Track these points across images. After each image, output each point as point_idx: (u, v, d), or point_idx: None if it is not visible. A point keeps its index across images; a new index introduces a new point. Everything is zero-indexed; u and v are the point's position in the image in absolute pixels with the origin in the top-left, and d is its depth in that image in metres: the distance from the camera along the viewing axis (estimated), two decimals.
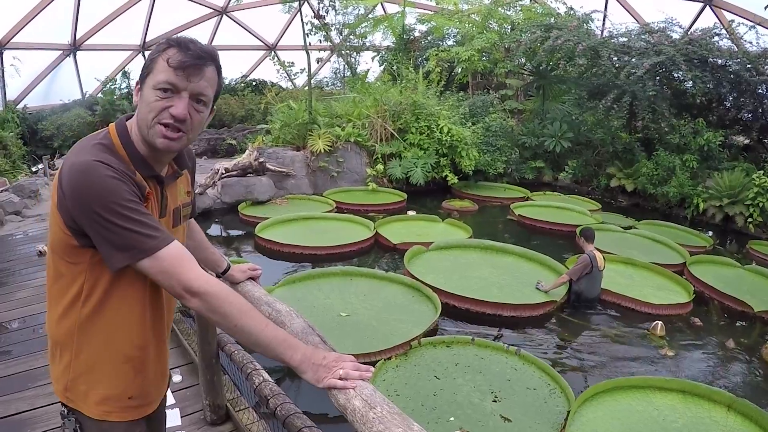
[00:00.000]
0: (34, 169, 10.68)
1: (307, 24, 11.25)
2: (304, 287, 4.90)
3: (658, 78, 9.84)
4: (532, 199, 9.41)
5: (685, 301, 5.04)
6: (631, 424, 3.14)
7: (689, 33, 10.08)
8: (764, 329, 4.79)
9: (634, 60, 9.26)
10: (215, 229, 7.56)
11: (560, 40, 9.68)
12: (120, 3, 13.26)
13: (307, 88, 10.24)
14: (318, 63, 17.09)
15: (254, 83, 17.01)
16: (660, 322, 4.52)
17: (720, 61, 9.35)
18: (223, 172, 8.16)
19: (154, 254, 1.06)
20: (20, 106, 12.55)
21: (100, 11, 13.23)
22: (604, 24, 12.48)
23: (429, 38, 13.81)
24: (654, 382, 3.50)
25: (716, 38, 9.55)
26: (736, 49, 9.61)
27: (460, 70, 13.31)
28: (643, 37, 9.90)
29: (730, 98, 10.04)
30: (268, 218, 7.12)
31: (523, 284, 5.22)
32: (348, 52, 15.36)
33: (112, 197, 1.02)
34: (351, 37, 14.87)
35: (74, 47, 13.51)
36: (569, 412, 3.12)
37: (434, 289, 4.74)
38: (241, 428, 2.37)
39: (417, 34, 14.50)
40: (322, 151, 8.90)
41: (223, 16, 15.69)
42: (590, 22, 11.04)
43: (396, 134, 9.56)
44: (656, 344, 4.35)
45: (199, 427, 2.45)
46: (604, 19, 12.43)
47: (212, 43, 14.46)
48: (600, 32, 11.97)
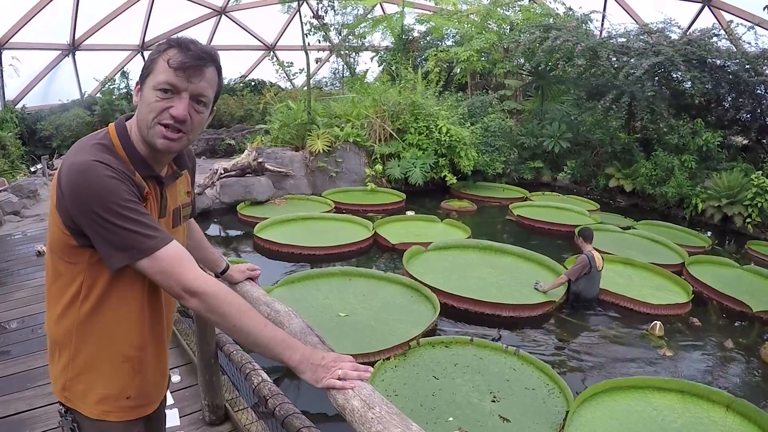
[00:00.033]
0: (32, 169, 10.64)
1: (306, 24, 11.21)
2: (303, 287, 4.90)
3: (656, 78, 9.85)
4: (530, 200, 9.42)
5: (683, 301, 5.04)
6: (630, 424, 3.15)
7: (688, 33, 10.10)
8: (763, 329, 4.80)
9: (632, 60, 9.27)
10: (214, 229, 7.55)
11: (559, 41, 9.69)
12: (119, 3, 13.25)
13: (306, 88, 10.22)
14: (317, 63, 17.10)
15: (253, 83, 16.97)
16: (659, 323, 4.52)
17: (719, 62, 9.36)
18: (222, 172, 8.16)
19: (152, 254, 1.06)
20: (19, 106, 12.51)
21: (99, 11, 13.24)
22: (602, 24, 12.51)
23: (428, 38, 13.79)
24: (653, 382, 3.50)
25: (715, 39, 9.56)
26: (735, 50, 9.63)
27: (458, 71, 13.29)
28: (641, 37, 9.91)
29: (729, 99, 10.04)
30: (266, 218, 7.11)
31: (522, 284, 5.22)
32: (347, 52, 15.35)
33: (110, 197, 1.02)
34: (350, 37, 14.86)
35: (73, 47, 13.49)
36: (568, 412, 3.12)
37: (433, 289, 4.74)
38: (240, 428, 2.37)
39: (416, 34, 14.49)
40: (321, 151, 8.90)
41: (222, 16, 15.67)
42: (589, 22, 11.07)
43: (395, 134, 9.55)
44: (655, 344, 4.36)
45: (197, 427, 2.44)
46: (603, 20, 12.46)
47: (211, 43, 14.42)
48: (599, 33, 12.00)
